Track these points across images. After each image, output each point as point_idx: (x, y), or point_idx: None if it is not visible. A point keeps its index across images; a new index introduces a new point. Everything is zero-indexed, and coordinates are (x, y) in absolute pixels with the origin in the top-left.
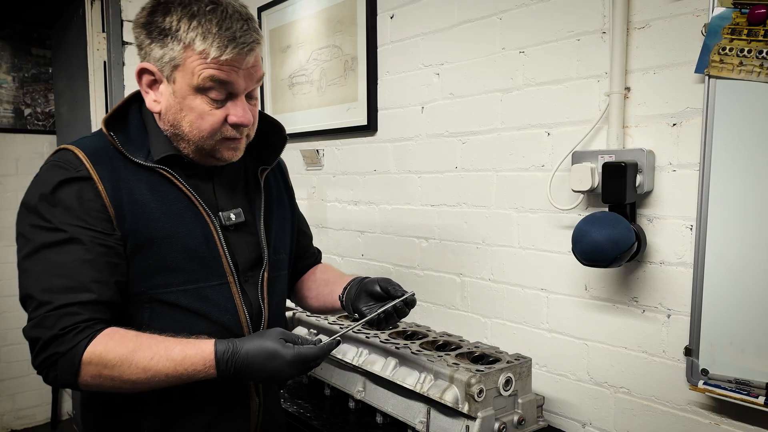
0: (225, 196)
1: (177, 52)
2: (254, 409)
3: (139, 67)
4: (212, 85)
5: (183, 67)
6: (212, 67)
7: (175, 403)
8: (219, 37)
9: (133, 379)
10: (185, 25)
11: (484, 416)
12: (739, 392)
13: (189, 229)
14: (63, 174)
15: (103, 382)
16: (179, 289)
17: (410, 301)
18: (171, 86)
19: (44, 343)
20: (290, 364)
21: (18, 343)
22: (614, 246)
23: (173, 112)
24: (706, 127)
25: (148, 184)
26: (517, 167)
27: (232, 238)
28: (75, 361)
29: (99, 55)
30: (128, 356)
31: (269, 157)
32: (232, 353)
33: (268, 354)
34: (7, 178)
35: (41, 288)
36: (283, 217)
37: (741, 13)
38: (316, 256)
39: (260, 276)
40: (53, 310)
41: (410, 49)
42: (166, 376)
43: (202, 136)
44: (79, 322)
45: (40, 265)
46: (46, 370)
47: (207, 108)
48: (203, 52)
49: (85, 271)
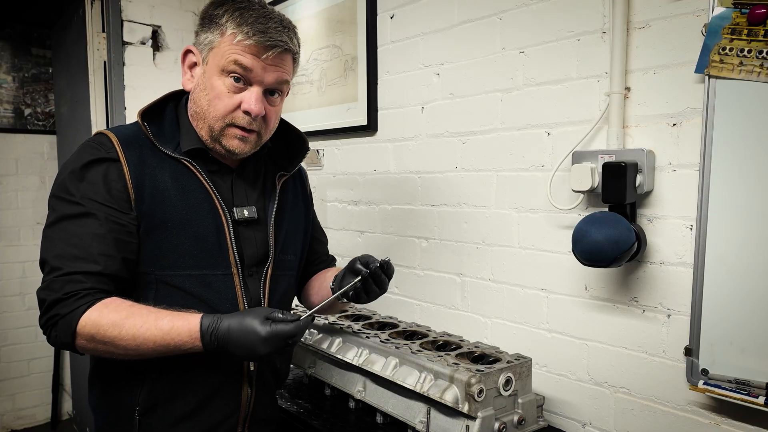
0: (241, 194)
1: (215, 35)
2: (245, 400)
3: (185, 49)
4: (235, 69)
5: (216, 49)
6: (237, 51)
7: (168, 381)
8: (251, 26)
9: (123, 345)
10: (228, 15)
11: (484, 416)
12: (739, 392)
13: (202, 219)
14: (95, 154)
15: (96, 345)
16: (185, 273)
17: (384, 264)
18: (204, 67)
19: (49, 304)
20: (264, 341)
21: (18, 343)
22: (614, 246)
23: (199, 90)
24: (706, 127)
25: (171, 173)
26: (517, 167)
27: (243, 234)
28: (72, 324)
29: (99, 55)
30: (120, 322)
31: (288, 165)
32: (215, 327)
33: (245, 329)
34: (7, 178)
35: (55, 254)
36: (296, 222)
37: (741, 13)
38: (329, 262)
39: (264, 272)
40: (61, 276)
41: (410, 49)
42: (154, 344)
43: (215, 115)
44: (82, 290)
45: (59, 234)
46: (49, 330)
47: (225, 90)
48: (233, 35)
49: (96, 244)
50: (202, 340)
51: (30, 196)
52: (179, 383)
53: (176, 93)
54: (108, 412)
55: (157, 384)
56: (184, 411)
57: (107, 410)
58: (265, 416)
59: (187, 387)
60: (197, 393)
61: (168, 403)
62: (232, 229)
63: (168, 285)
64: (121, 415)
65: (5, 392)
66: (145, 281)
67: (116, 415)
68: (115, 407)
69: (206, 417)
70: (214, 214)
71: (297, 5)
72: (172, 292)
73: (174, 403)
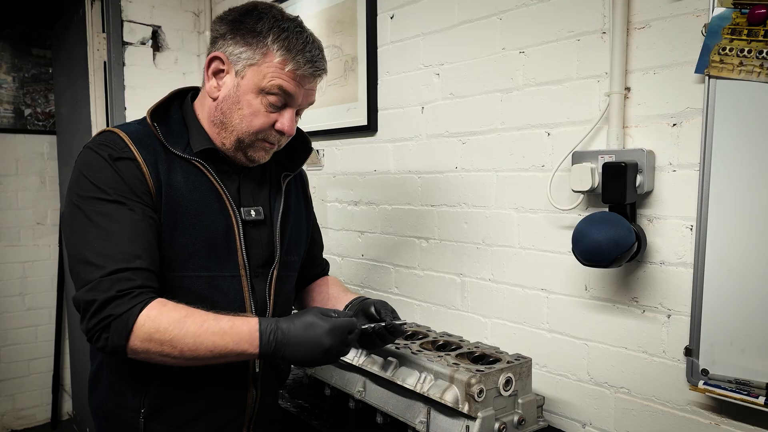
0: (248, 194)
1: (258, 53)
2: (251, 401)
3: (213, 55)
4: (277, 93)
5: (257, 68)
6: (284, 78)
7: (173, 385)
8: (301, 54)
9: (181, 345)
10: (274, 35)
11: (484, 416)
12: (739, 392)
13: (213, 220)
14: (112, 152)
15: (152, 346)
16: (194, 275)
17: (392, 327)
18: (237, 80)
19: (100, 304)
20: (329, 332)
21: (18, 343)
22: (614, 246)
23: (230, 103)
24: (706, 127)
25: (183, 173)
26: (517, 167)
27: (250, 234)
28: (129, 323)
29: (99, 56)
30: (180, 320)
31: (293, 165)
32: (274, 326)
33: (306, 325)
34: (7, 178)
35: (96, 253)
36: (299, 223)
37: (741, 13)
38: (324, 267)
39: (270, 273)
40: (108, 275)
41: (410, 49)
42: (213, 344)
43: (249, 131)
44: (134, 288)
45: (94, 233)
46: (99, 333)
47: (262, 109)
48: (283, 62)
49: (137, 239)
50: (260, 339)
51: (30, 196)
52: (185, 386)
53: (180, 92)
54: (111, 414)
55: (163, 387)
56: (191, 414)
57: (111, 413)
58: (269, 417)
59: (193, 390)
60: (204, 396)
61: (174, 406)
62: (242, 229)
63: (176, 287)
64: (126, 417)
65: (5, 392)
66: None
67: (120, 418)
68: (120, 410)
69: (212, 419)
70: (224, 215)
71: (297, 5)
72: (180, 294)
73: (180, 406)
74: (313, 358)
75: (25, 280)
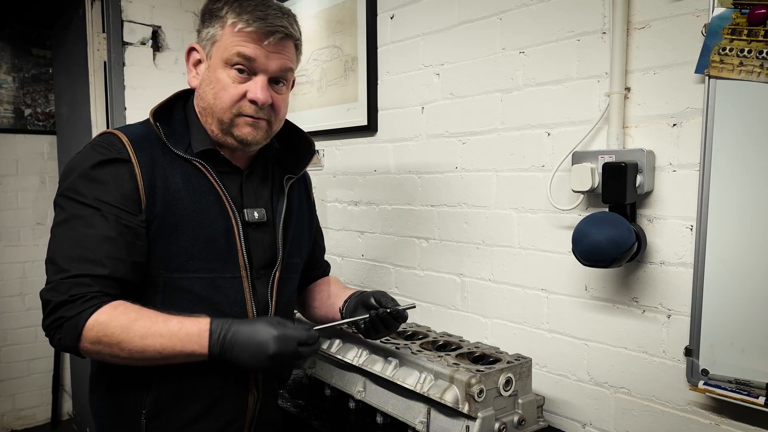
0: (251, 195)
1: (216, 28)
2: (252, 403)
3: (189, 46)
4: (238, 60)
5: (219, 43)
6: (240, 42)
7: (175, 386)
8: (250, 14)
9: (129, 348)
10: (228, 6)
11: (484, 416)
12: (739, 392)
13: (213, 221)
14: (105, 154)
15: (102, 348)
16: (195, 276)
17: (396, 312)
18: (208, 62)
19: (54, 306)
20: (276, 339)
21: (18, 344)
22: (614, 246)
23: (205, 85)
24: (706, 127)
25: (182, 174)
26: (517, 167)
27: (252, 236)
28: (78, 327)
29: (99, 56)
30: (128, 324)
31: (295, 167)
32: (227, 327)
33: (256, 329)
34: (7, 178)
35: (63, 255)
36: (302, 225)
37: (741, 13)
38: (325, 269)
39: (272, 275)
40: (68, 278)
41: (410, 49)
42: (161, 346)
43: (223, 107)
44: (89, 293)
45: (67, 235)
46: (53, 332)
47: (230, 81)
48: (233, 25)
49: (105, 247)
50: (209, 340)
51: (30, 196)
52: (187, 387)
53: (183, 93)
54: (112, 415)
55: (164, 388)
56: (192, 415)
57: (112, 413)
58: (270, 419)
59: (194, 391)
60: (205, 397)
61: (175, 407)
62: (242, 231)
63: (176, 288)
64: (127, 418)
65: (5, 392)
66: (153, 284)
67: (121, 419)
68: (121, 410)
69: (213, 421)
70: (224, 216)
71: (297, 5)
72: (180, 296)
73: (181, 407)
74: (257, 362)
75: (25, 280)
